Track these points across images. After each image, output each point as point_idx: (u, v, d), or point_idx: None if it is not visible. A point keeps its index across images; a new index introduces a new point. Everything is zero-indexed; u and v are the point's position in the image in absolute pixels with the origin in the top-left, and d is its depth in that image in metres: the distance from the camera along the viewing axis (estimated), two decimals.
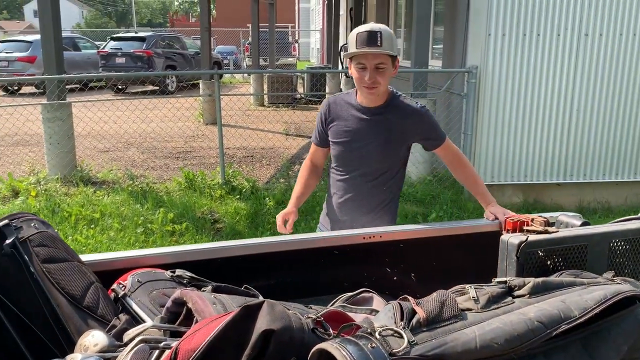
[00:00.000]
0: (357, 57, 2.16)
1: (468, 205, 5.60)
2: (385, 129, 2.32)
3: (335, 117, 2.40)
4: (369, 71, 2.15)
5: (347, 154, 2.40)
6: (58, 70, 6.07)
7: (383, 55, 2.14)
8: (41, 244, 1.53)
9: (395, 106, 2.32)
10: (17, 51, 16.06)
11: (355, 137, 2.36)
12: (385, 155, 2.37)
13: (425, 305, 1.18)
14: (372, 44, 2.11)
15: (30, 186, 5.77)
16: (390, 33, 2.17)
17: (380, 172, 2.42)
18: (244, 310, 1.21)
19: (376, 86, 2.19)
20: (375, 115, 2.33)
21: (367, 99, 2.31)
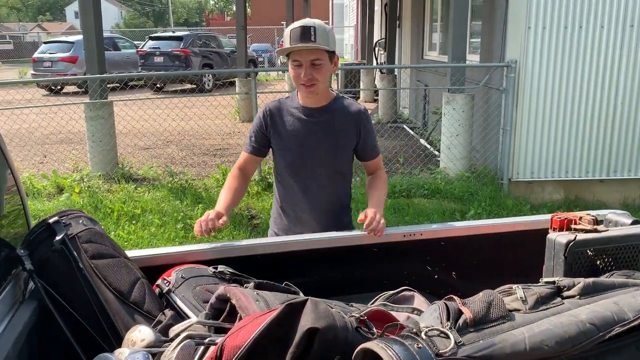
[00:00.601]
0: (292, 54, 2.06)
1: (507, 202, 5.49)
2: (333, 129, 2.21)
3: (277, 123, 2.24)
4: (305, 68, 2.05)
5: (297, 160, 2.25)
6: (100, 70, 6.21)
7: (318, 50, 2.03)
8: (89, 241, 1.57)
9: (340, 107, 2.23)
10: (60, 52, 16.55)
11: (303, 141, 2.22)
12: (337, 157, 2.26)
13: (472, 306, 1.16)
14: (306, 39, 2.01)
15: (74, 183, 5.94)
16: (325, 28, 2.06)
17: (333, 177, 2.29)
18: (287, 307, 1.21)
19: (314, 83, 2.08)
20: (321, 115, 2.21)
21: (309, 98, 2.19)
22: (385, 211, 5.25)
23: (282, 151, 2.26)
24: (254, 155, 2.31)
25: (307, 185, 2.27)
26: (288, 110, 2.24)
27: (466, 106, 5.87)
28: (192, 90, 14.69)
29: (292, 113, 2.23)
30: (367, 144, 2.28)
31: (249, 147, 2.30)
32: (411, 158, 6.93)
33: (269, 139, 2.27)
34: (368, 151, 2.30)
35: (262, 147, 2.30)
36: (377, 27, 14.93)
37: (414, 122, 10.40)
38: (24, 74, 20.53)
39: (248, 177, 2.37)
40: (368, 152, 2.31)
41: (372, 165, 2.36)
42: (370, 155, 2.32)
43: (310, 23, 2.03)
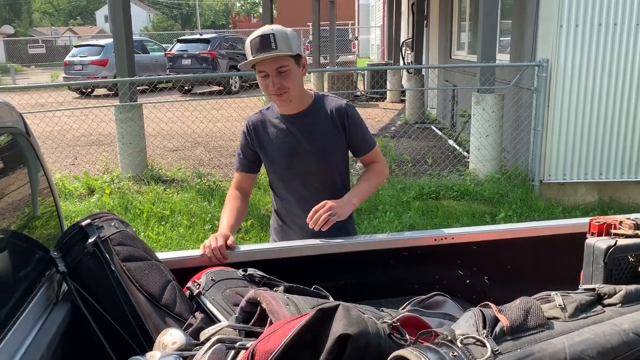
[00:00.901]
0: (257, 66, 1.97)
1: (539, 204, 5.38)
2: (317, 132, 2.12)
3: (262, 137, 2.17)
4: (272, 77, 1.96)
5: (286, 171, 2.17)
6: (129, 73, 6.31)
7: (281, 57, 1.94)
8: (121, 243, 1.58)
9: (320, 107, 2.14)
10: (90, 55, 16.88)
11: (288, 151, 2.13)
12: (327, 161, 2.16)
13: (509, 313, 1.13)
14: (266, 48, 1.92)
15: (104, 184, 6.04)
16: (285, 32, 1.97)
17: (327, 182, 2.19)
18: (319, 313, 1.20)
19: (285, 91, 1.99)
20: (302, 121, 2.12)
21: (285, 107, 2.10)
22: (414, 213, 5.23)
23: (271, 164, 2.19)
24: (246, 172, 2.23)
25: (302, 194, 2.18)
26: (270, 121, 2.16)
27: (496, 106, 5.78)
28: (219, 92, 14.83)
29: (274, 124, 2.15)
30: (355, 138, 2.16)
31: (239, 165, 2.24)
32: (440, 159, 6.85)
33: (258, 153, 2.19)
34: (358, 145, 2.18)
35: (252, 163, 2.22)
36: (404, 26, 14.83)
37: (442, 123, 10.29)
38: (55, 77, 21.01)
39: (247, 195, 2.28)
40: (359, 147, 2.18)
41: (367, 160, 2.22)
42: (362, 150, 2.19)
43: (268, 30, 1.94)
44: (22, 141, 1.57)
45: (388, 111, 12.19)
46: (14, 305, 1.37)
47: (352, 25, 33.04)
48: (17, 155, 1.56)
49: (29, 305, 1.42)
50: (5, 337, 1.28)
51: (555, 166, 5.58)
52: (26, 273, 1.48)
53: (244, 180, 2.24)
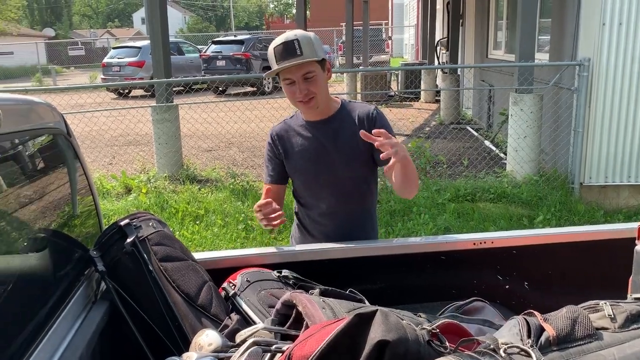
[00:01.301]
0: (282, 74, 1.92)
1: (579, 208, 5.23)
2: (343, 138, 2.04)
3: (286, 145, 2.10)
4: (298, 84, 1.91)
5: (312, 179, 2.11)
6: (166, 74, 6.40)
7: (307, 63, 1.88)
8: (159, 243, 1.59)
9: (346, 113, 2.07)
10: (128, 56, 17.24)
11: (314, 159, 2.06)
12: (353, 168, 2.07)
13: (555, 322, 1.09)
14: (291, 54, 1.86)
15: (141, 184, 6.14)
16: (309, 37, 1.91)
17: (355, 190, 2.12)
18: (356, 318, 1.17)
19: (312, 97, 1.93)
20: (328, 127, 2.05)
21: (311, 113, 2.04)
22: (449, 215, 5.15)
23: (296, 172, 2.13)
24: (276, 184, 2.15)
25: (328, 202, 2.11)
26: (294, 130, 2.10)
27: (535, 107, 5.64)
28: (253, 93, 14.94)
29: (298, 132, 2.09)
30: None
31: (268, 177, 2.16)
32: (476, 161, 6.73)
33: (283, 162, 2.13)
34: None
35: (280, 174, 2.15)
36: (439, 26, 14.66)
37: (478, 123, 10.12)
38: (94, 79, 21.53)
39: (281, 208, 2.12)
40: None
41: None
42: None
43: (291, 36, 1.89)
44: (63, 141, 1.59)
45: (422, 111, 12.07)
46: (55, 302, 1.39)
47: (386, 25, 32.86)
48: (58, 155, 1.59)
49: (69, 303, 1.44)
50: (48, 334, 1.30)
51: (597, 168, 5.41)
52: (66, 272, 1.50)
53: (274, 192, 2.16)
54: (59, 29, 49.02)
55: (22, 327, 1.23)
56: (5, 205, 1.28)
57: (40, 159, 1.52)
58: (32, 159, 1.45)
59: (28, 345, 1.23)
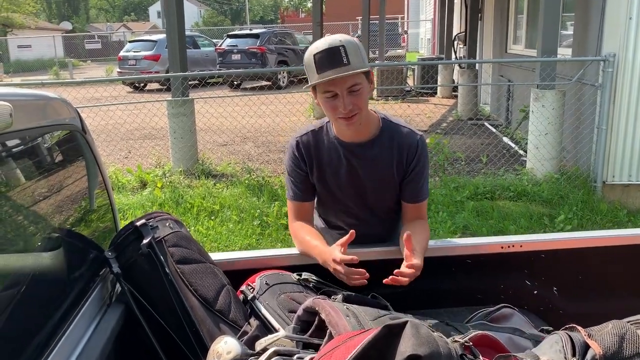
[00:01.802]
0: (323, 85, 1.66)
1: (601, 207, 5.10)
2: (380, 167, 1.84)
3: (314, 163, 1.87)
4: (343, 98, 1.66)
5: (337, 205, 1.94)
6: (182, 68, 6.36)
7: (354, 75, 1.64)
8: (176, 244, 1.53)
9: (388, 138, 1.83)
10: (144, 50, 17.26)
11: (346, 184, 1.87)
12: (385, 199, 1.92)
13: (601, 339, 1.01)
14: (337, 63, 1.61)
15: (156, 178, 6.12)
16: (355, 43, 1.67)
17: (378, 220, 1.98)
18: (385, 329, 1.11)
19: (356, 113, 1.69)
20: (366, 152, 1.82)
21: (349, 132, 1.79)
22: (468, 213, 5.05)
23: (321, 194, 1.94)
24: (304, 202, 1.93)
25: (349, 224, 1.96)
26: (325, 146, 1.85)
27: (557, 103, 5.51)
28: (268, 88, 14.89)
29: (329, 150, 1.85)
30: (414, 182, 1.86)
31: (293, 194, 1.93)
32: (495, 158, 6.61)
33: (308, 175, 1.90)
34: (413, 191, 1.88)
35: (309, 189, 1.92)
36: (457, 20, 14.47)
37: (496, 120, 9.97)
38: (110, 72, 21.63)
39: (311, 223, 1.98)
40: (412, 193, 1.88)
41: (414, 210, 1.90)
42: (416, 197, 1.88)
43: (336, 42, 1.63)
44: (78, 138, 1.54)
45: (439, 107, 11.92)
46: (70, 304, 1.34)
47: (402, 19, 32.60)
48: (72, 152, 1.54)
49: (84, 306, 1.39)
50: (63, 337, 1.25)
51: (620, 167, 5.27)
52: (81, 273, 1.45)
53: (303, 209, 1.94)
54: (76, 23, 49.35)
55: (37, 330, 1.18)
56: (19, 205, 1.23)
57: (54, 156, 1.47)
58: (46, 156, 1.40)
59: (42, 349, 1.18)
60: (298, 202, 1.93)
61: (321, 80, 1.64)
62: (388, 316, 1.40)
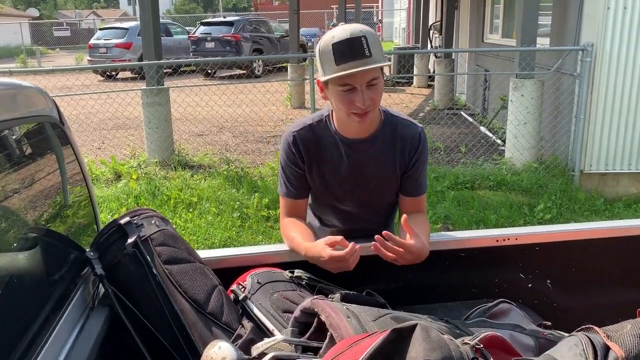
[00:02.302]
0: (340, 78, 1.54)
1: (579, 196, 5.15)
2: (382, 163, 1.77)
3: (313, 159, 1.77)
4: (362, 92, 1.55)
5: (336, 203, 1.86)
6: (157, 56, 6.18)
7: (375, 69, 1.54)
8: (163, 243, 1.45)
9: (390, 132, 1.75)
10: (115, 38, 16.85)
11: (346, 183, 1.79)
12: (385, 194, 1.85)
13: (621, 340, 0.96)
14: (359, 55, 1.50)
15: (131, 169, 5.95)
16: (375, 34, 1.57)
17: (376, 214, 1.93)
18: (393, 334, 1.05)
19: (371, 109, 1.60)
20: (368, 148, 1.75)
21: (356, 128, 1.70)
22: (449, 203, 5.04)
23: (318, 191, 1.85)
24: (299, 199, 1.84)
25: (348, 224, 1.91)
26: (325, 141, 1.76)
27: (536, 93, 5.52)
28: (243, 76, 14.70)
29: (329, 145, 1.76)
30: (414, 176, 1.80)
31: (287, 190, 1.82)
32: (474, 147, 6.62)
33: (304, 172, 1.80)
34: (413, 185, 1.82)
35: (305, 187, 1.83)
36: (432, 9, 14.47)
37: (472, 109, 10.01)
38: (80, 60, 21.08)
39: (304, 220, 1.90)
40: (412, 187, 1.82)
41: (413, 204, 1.84)
42: (416, 191, 1.82)
43: (357, 32, 1.52)
44: (55, 130, 1.44)
45: (416, 96, 11.93)
46: (50, 310, 1.24)
47: (377, 9, 32.54)
48: (49, 145, 1.43)
49: (66, 310, 1.30)
50: (46, 344, 1.16)
51: (597, 156, 5.33)
52: (61, 275, 1.35)
53: (296, 206, 1.85)
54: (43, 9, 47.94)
55: (15, 340, 1.09)
56: None
57: (30, 149, 1.36)
58: (21, 150, 1.30)
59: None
60: (291, 199, 1.83)
61: (342, 73, 1.52)
62: (389, 316, 1.34)
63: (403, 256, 1.55)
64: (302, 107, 10.43)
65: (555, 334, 1.55)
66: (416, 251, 1.56)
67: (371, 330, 1.25)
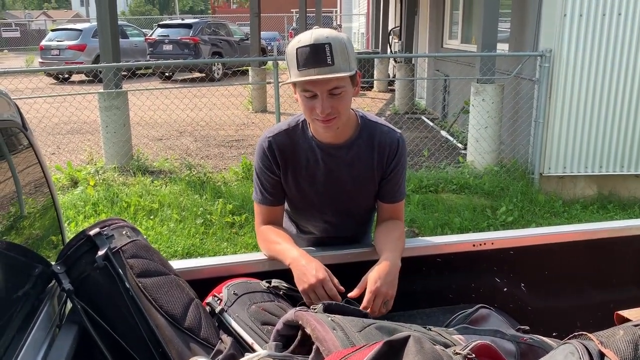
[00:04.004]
0: (302, 83, 1.54)
1: (539, 198, 5.27)
2: (358, 169, 1.74)
3: (289, 165, 1.74)
4: (322, 100, 1.53)
5: (312, 209, 1.83)
6: (114, 59, 6.00)
7: (337, 78, 1.52)
8: (135, 255, 1.37)
9: (367, 136, 1.73)
10: (68, 39, 16.32)
11: (323, 189, 1.77)
12: (362, 201, 1.83)
13: (615, 347, 0.96)
14: (320, 62, 1.49)
15: (88, 175, 5.75)
16: (343, 42, 1.53)
17: (355, 222, 1.92)
18: (385, 347, 1.01)
19: (335, 117, 1.58)
20: (343, 154, 1.72)
21: (325, 134, 1.68)
22: (414, 207, 5.07)
23: (294, 198, 1.81)
24: (275, 206, 1.79)
25: (321, 228, 1.89)
26: (301, 147, 1.73)
27: (496, 97, 5.63)
28: (201, 80, 14.48)
29: (306, 151, 1.72)
30: (393, 182, 1.78)
31: (262, 197, 1.78)
32: (437, 152, 6.70)
33: (280, 178, 1.76)
34: (392, 191, 1.80)
35: (280, 193, 1.79)
36: (392, 14, 14.62)
37: (432, 113, 10.15)
38: (31, 62, 20.33)
39: (281, 226, 1.86)
40: (391, 193, 1.80)
41: (391, 210, 1.83)
42: (394, 197, 1.81)
43: (322, 38, 1.49)
44: (19, 137, 1.34)
45: (376, 101, 12.02)
46: (15, 330, 1.15)
47: (336, 13, 32.72)
48: (12, 153, 1.34)
49: (32, 330, 1.21)
50: None
51: (556, 159, 5.47)
52: (25, 292, 1.26)
53: (272, 213, 1.80)
54: None
55: None
56: None
57: None
58: None
59: None
60: (267, 206, 1.78)
61: (301, 79, 1.52)
62: (373, 326, 1.31)
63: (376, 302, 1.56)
64: (264, 111, 10.35)
65: (534, 338, 1.55)
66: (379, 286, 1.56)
67: (357, 341, 1.21)
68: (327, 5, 30.54)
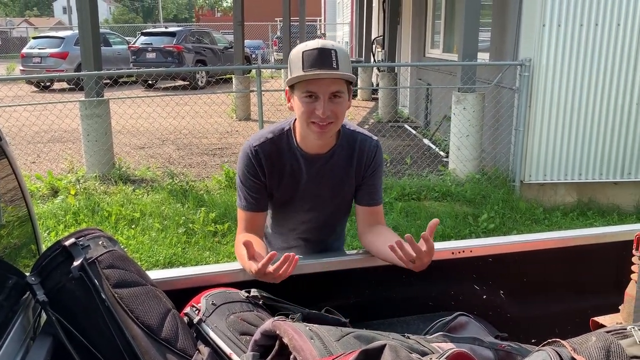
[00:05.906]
0: (304, 85, 1.57)
1: (520, 205, 5.33)
2: (338, 175, 1.80)
3: (274, 171, 1.76)
4: (323, 102, 1.57)
5: (292, 212, 1.87)
6: (96, 67, 5.96)
7: (341, 80, 1.58)
8: (111, 265, 1.36)
9: (346, 144, 1.78)
10: (50, 47, 16.19)
11: (302, 195, 1.80)
12: (339, 205, 1.88)
13: (587, 353, 0.97)
14: (326, 65, 1.54)
15: (69, 184, 5.69)
16: (346, 51, 1.62)
17: (331, 224, 1.96)
18: (362, 355, 1.02)
19: (332, 121, 1.61)
20: (326, 162, 1.77)
21: (315, 142, 1.70)
22: (397, 214, 5.09)
23: (277, 205, 1.85)
24: (259, 212, 1.80)
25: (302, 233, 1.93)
26: (286, 154, 1.75)
27: (477, 106, 5.69)
28: (185, 88, 14.43)
29: (290, 159, 1.76)
30: (371, 185, 1.83)
31: (247, 203, 1.78)
32: (419, 159, 6.75)
33: (265, 185, 1.78)
34: (370, 194, 1.83)
35: (265, 199, 1.80)
36: (375, 24, 14.74)
37: (415, 122, 10.22)
38: (12, 70, 20.11)
39: (262, 235, 1.86)
40: (370, 195, 1.83)
41: (372, 214, 1.85)
42: (372, 199, 1.84)
43: (328, 45, 1.57)
44: None
45: (360, 109, 12.08)
46: None
47: (319, 22, 32.88)
48: None
49: (4, 343, 1.19)
50: None
51: (536, 166, 5.54)
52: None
53: (254, 219, 1.80)
54: None
55: None
56: None
57: None
58: None
59: None
60: (251, 212, 1.79)
61: (307, 75, 1.55)
62: (351, 335, 1.31)
63: (422, 258, 1.57)
64: (247, 119, 10.34)
65: (513, 346, 1.57)
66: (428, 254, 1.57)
67: (335, 350, 1.21)
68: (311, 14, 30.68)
